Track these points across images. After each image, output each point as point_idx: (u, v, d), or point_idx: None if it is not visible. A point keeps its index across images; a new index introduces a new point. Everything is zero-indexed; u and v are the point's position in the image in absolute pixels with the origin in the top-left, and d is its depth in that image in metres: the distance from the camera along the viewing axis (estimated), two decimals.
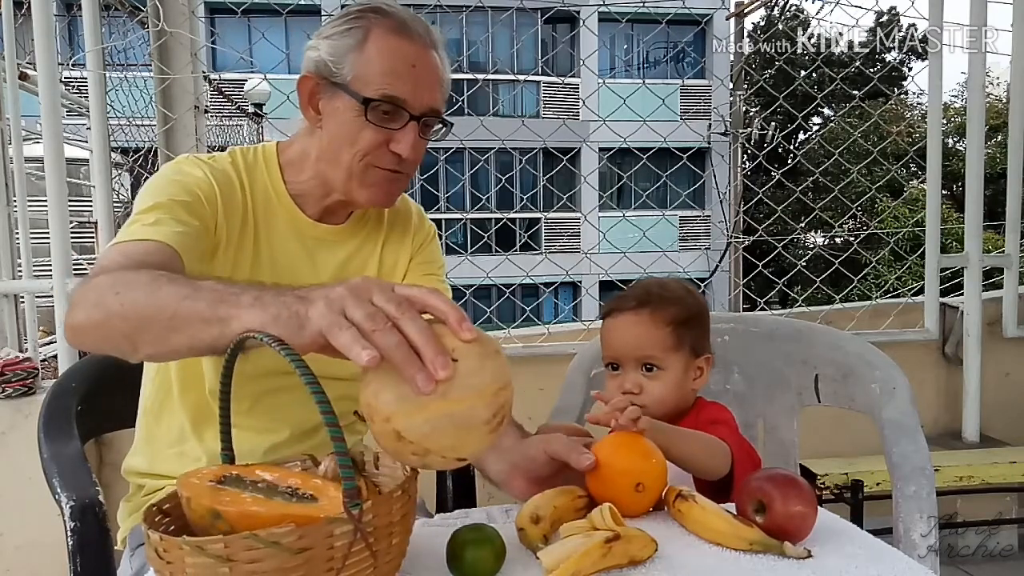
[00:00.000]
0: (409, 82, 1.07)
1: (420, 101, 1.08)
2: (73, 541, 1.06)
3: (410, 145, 1.09)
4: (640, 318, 1.19)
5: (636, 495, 0.91)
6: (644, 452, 0.94)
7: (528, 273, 2.83)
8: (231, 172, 1.14)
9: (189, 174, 1.10)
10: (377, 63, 1.06)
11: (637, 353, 1.18)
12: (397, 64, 1.07)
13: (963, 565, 2.41)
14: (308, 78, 1.10)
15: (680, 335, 1.19)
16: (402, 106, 1.07)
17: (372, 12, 1.09)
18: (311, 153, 1.15)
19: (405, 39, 1.07)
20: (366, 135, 1.08)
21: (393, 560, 0.74)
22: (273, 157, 1.19)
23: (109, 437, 2.01)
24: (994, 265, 2.74)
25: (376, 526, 0.68)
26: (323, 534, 0.64)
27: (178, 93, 2.18)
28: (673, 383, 1.18)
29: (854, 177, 3.34)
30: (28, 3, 1.97)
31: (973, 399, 2.59)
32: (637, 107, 2.82)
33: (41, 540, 2.00)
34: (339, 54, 1.07)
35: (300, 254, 1.18)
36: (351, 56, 1.07)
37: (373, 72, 1.06)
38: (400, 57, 1.07)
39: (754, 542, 0.84)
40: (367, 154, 1.09)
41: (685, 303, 1.21)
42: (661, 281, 1.27)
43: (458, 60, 13.10)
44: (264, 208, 1.16)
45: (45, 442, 1.20)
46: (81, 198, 4.92)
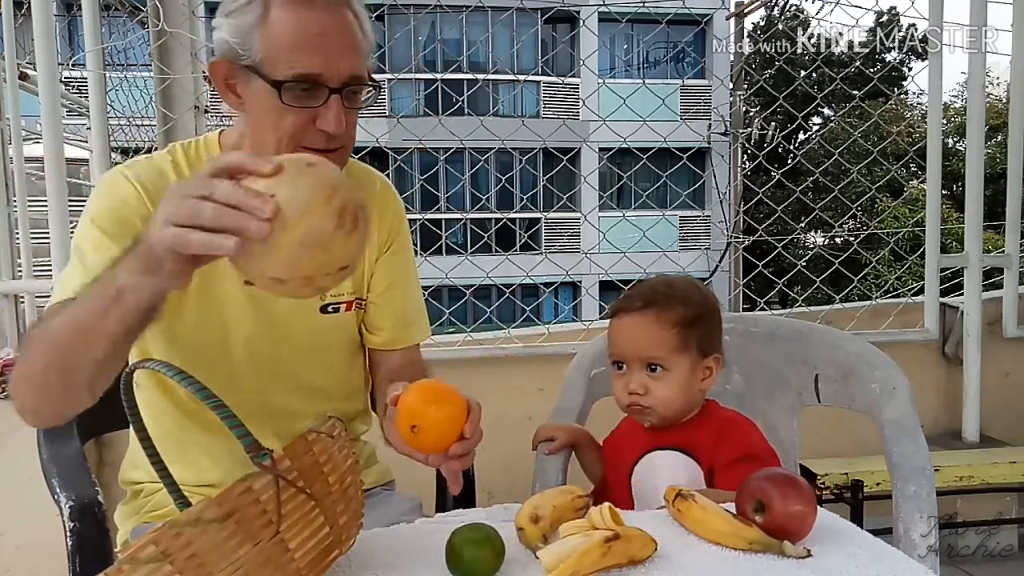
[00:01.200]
0: (320, 54, 0.98)
1: (337, 72, 1.00)
2: (73, 541, 1.06)
3: (336, 120, 1.01)
4: (645, 319, 1.18)
5: (412, 435, 0.92)
6: (434, 398, 0.94)
7: (528, 273, 2.83)
8: (168, 170, 1.11)
9: (117, 196, 1.07)
10: (282, 39, 0.98)
11: (642, 354, 1.18)
12: (303, 37, 0.98)
13: (963, 565, 2.41)
14: (219, 63, 1.03)
15: (686, 336, 1.17)
16: (319, 81, 0.99)
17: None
18: (244, 137, 1.10)
19: (308, 6, 0.98)
20: (287, 119, 1.00)
21: (351, 502, 0.76)
22: (215, 145, 1.15)
23: (109, 437, 2.00)
24: (994, 265, 2.74)
25: (300, 468, 0.69)
26: (240, 492, 0.65)
27: (178, 93, 2.17)
28: (679, 384, 1.17)
29: (854, 177, 3.34)
30: (28, 3, 1.97)
31: (973, 399, 2.59)
32: (637, 107, 2.82)
33: (41, 540, 1.99)
34: (242, 34, 0.99)
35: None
36: (255, 35, 0.98)
37: (280, 50, 0.98)
38: (306, 28, 0.98)
39: (754, 542, 0.84)
40: (293, 136, 1.02)
41: (692, 302, 1.20)
42: (669, 280, 1.25)
43: (458, 60, 13.14)
44: None
45: (45, 442, 1.20)
46: (81, 198, 4.91)
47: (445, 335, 2.56)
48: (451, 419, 0.93)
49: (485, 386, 2.36)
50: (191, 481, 1.11)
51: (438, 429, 0.92)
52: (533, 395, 2.29)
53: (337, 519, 0.74)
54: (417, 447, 0.94)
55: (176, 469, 1.03)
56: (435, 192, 4.25)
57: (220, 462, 1.16)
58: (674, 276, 1.30)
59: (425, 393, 0.94)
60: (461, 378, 1.46)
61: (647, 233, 3.13)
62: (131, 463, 1.23)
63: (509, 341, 2.48)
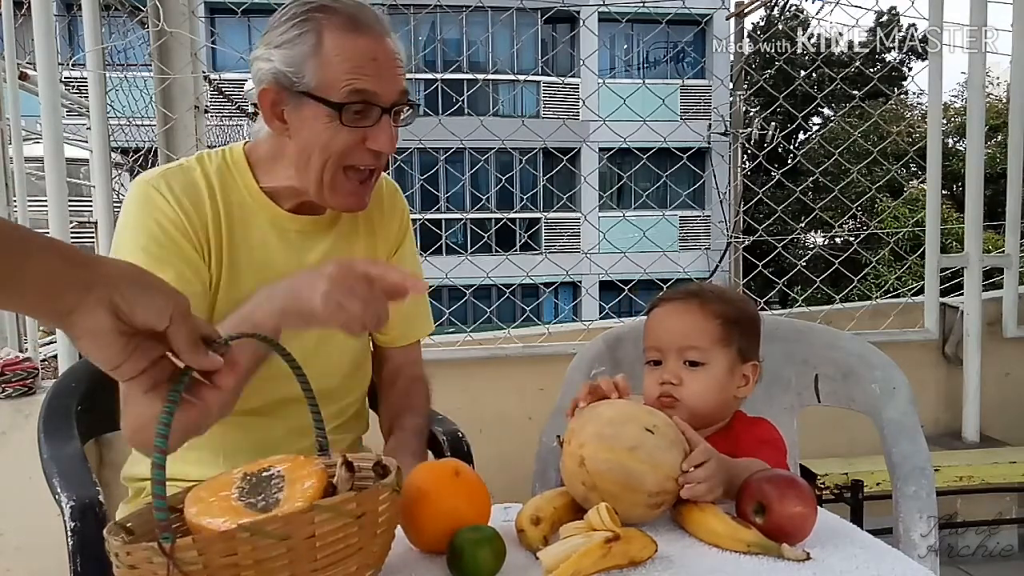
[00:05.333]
0: (373, 76, 1.06)
1: (388, 92, 1.08)
2: (73, 541, 1.06)
3: (388, 138, 1.09)
4: (689, 307, 1.15)
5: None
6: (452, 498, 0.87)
7: (528, 273, 2.83)
8: (199, 181, 1.14)
9: (153, 211, 1.09)
10: (338, 65, 1.05)
11: (681, 342, 1.12)
12: (358, 61, 1.05)
13: (963, 565, 2.41)
14: (268, 91, 1.08)
15: (728, 331, 1.13)
16: (373, 101, 1.07)
17: (318, 11, 1.06)
18: (281, 156, 1.14)
19: (360, 34, 1.06)
20: (341, 138, 1.07)
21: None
22: (242, 158, 1.18)
23: (109, 437, 2.00)
24: (994, 265, 2.74)
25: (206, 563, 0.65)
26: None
27: (178, 93, 2.17)
28: (716, 381, 1.11)
29: (854, 177, 3.33)
30: (28, 3, 1.97)
31: (973, 399, 2.59)
32: (637, 107, 2.82)
33: (41, 540, 1.99)
34: (297, 63, 1.06)
35: (281, 248, 1.17)
36: (310, 63, 1.05)
37: (336, 75, 1.05)
38: (360, 53, 1.05)
39: (752, 544, 0.84)
40: (342, 156, 1.09)
41: (737, 304, 1.17)
42: (716, 285, 1.23)
43: (458, 60, 13.14)
44: (239, 209, 1.15)
45: (45, 442, 1.20)
46: (81, 198, 4.92)
47: (445, 335, 2.56)
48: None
49: (485, 386, 2.38)
50: (194, 476, 1.11)
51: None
52: (533, 395, 2.30)
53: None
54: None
55: (184, 468, 1.04)
56: (435, 192, 4.24)
57: (219, 457, 1.16)
58: (721, 285, 1.27)
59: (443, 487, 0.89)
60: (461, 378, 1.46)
61: (647, 233, 3.13)
62: (135, 458, 1.23)
63: (509, 341, 2.48)
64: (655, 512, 0.89)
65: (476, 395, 2.35)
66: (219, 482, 0.77)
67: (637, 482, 0.87)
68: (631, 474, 0.86)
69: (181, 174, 1.14)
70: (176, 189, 1.11)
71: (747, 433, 1.13)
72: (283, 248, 1.17)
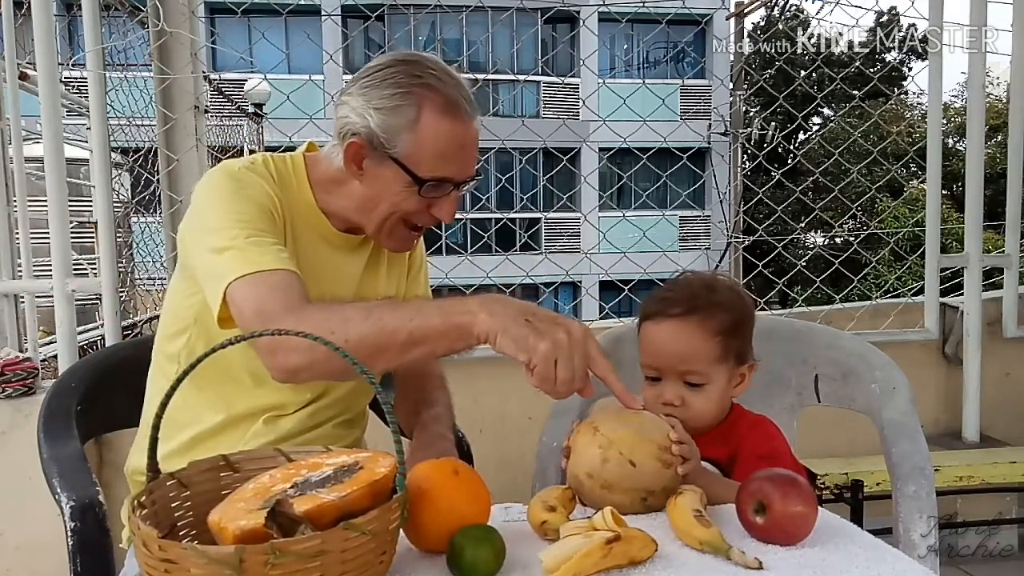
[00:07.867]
0: (458, 163, 1.14)
1: (464, 175, 1.16)
2: (73, 541, 1.06)
3: (452, 211, 1.17)
4: (687, 326, 1.11)
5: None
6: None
7: (528, 273, 2.83)
8: (274, 175, 1.19)
9: (252, 185, 1.14)
10: (430, 147, 1.11)
11: (681, 367, 1.11)
12: (449, 147, 1.12)
13: (963, 565, 2.41)
14: (357, 145, 1.13)
15: (727, 345, 1.11)
16: (451, 180, 1.14)
17: (421, 88, 1.10)
18: (343, 186, 1.19)
19: (456, 120, 1.12)
20: (412, 202, 1.14)
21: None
22: (303, 171, 1.22)
23: (109, 437, 2.00)
24: (994, 265, 2.73)
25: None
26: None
27: (178, 93, 2.17)
28: (716, 396, 1.12)
29: (854, 177, 3.34)
30: (28, 3, 1.97)
31: (973, 399, 2.59)
32: (637, 107, 2.82)
33: (41, 540, 1.99)
34: (391, 132, 1.10)
35: (327, 259, 1.22)
36: (405, 136, 1.10)
37: (426, 155, 1.11)
38: (451, 140, 1.12)
39: (704, 542, 0.83)
40: (406, 215, 1.16)
41: (734, 308, 1.14)
42: (708, 282, 1.17)
43: (458, 60, 13.12)
44: (299, 214, 1.19)
45: (45, 442, 1.20)
46: (81, 198, 4.91)
47: None
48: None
49: (485, 386, 2.38)
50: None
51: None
52: (533, 395, 2.27)
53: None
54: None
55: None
56: None
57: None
58: (710, 276, 1.22)
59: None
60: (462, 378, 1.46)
61: (647, 233, 3.14)
62: (140, 450, 1.23)
63: None
64: (667, 472, 0.93)
65: (476, 395, 2.35)
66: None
67: (649, 433, 0.94)
68: (643, 427, 0.95)
69: (262, 166, 1.18)
70: (264, 176, 1.16)
71: (747, 438, 1.13)
72: (328, 259, 1.22)
